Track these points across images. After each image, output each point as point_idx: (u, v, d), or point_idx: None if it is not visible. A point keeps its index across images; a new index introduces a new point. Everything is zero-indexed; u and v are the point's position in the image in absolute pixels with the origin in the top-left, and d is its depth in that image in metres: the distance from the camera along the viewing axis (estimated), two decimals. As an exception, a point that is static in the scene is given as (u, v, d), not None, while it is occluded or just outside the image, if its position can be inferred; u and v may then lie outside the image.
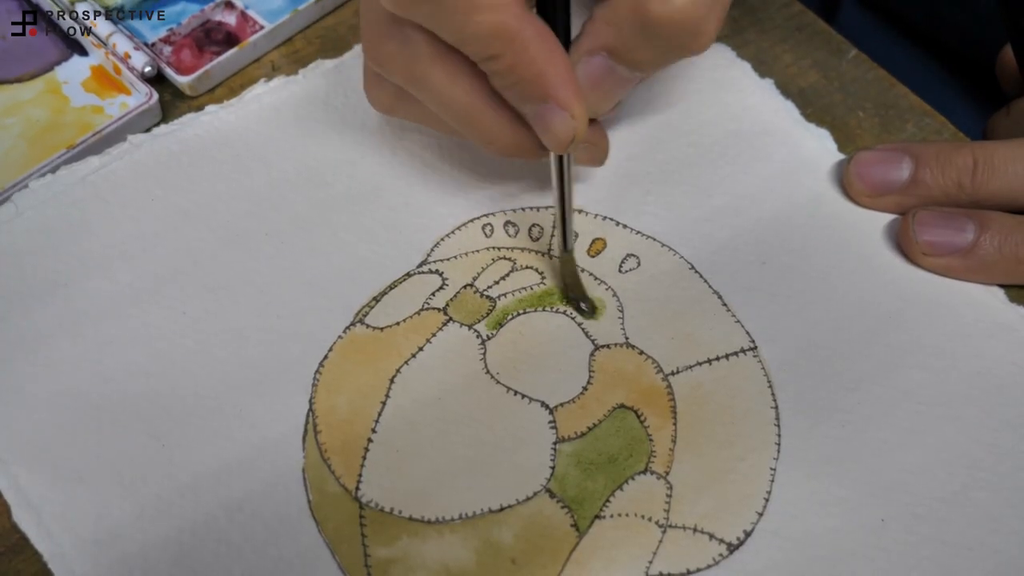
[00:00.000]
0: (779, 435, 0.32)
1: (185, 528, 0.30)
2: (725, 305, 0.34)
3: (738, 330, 0.34)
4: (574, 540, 0.30)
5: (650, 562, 0.29)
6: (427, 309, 0.34)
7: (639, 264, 0.35)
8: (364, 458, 0.31)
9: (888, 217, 0.36)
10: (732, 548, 0.30)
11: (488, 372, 0.33)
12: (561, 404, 0.32)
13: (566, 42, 0.30)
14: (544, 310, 0.34)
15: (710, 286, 0.35)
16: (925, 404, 0.32)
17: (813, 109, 0.40)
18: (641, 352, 0.33)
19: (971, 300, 0.34)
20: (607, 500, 0.30)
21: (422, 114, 0.33)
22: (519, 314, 0.34)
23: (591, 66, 0.30)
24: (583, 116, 0.29)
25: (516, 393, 0.32)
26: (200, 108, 0.39)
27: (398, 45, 0.31)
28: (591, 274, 0.35)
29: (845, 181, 0.37)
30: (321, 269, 0.35)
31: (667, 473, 0.31)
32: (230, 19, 0.42)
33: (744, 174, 0.37)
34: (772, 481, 0.31)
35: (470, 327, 0.34)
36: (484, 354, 0.33)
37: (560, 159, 0.31)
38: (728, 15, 0.42)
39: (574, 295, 0.34)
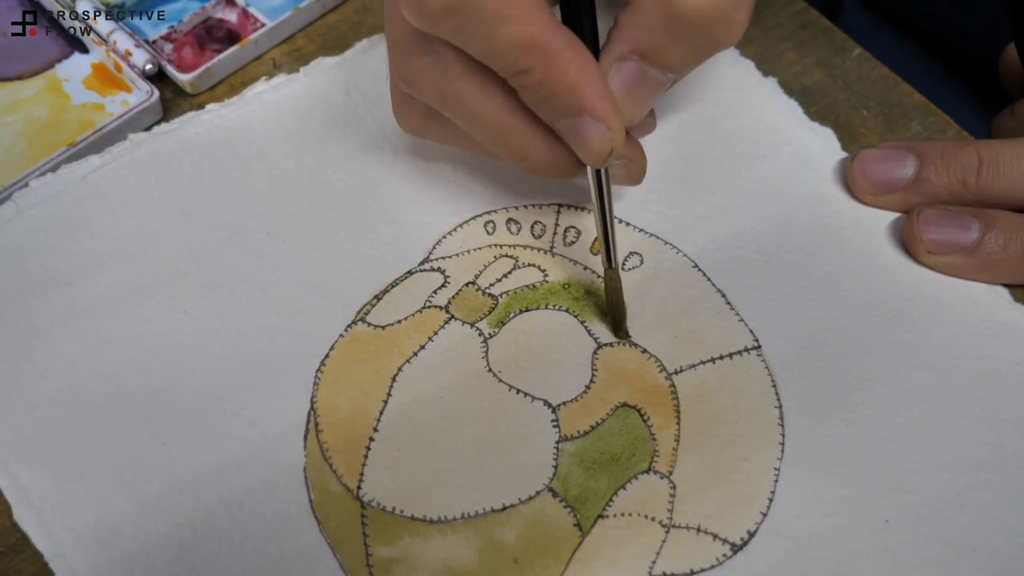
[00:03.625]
0: (783, 434, 0.31)
1: (186, 526, 0.29)
2: (728, 303, 0.34)
3: (741, 329, 0.33)
4: (577, 540, 0.30)
5: (653, 562, 0.29)
6: (429, 307, 0.34)
7: (642, 262, 0.35)
8: (366, 457, 0.31)
9: (892, 215, 0.36)
10: (736, 548, 0.29)
11: (490, 370, 0.33)
12: (564, 403, 0.32)
13: (594, 51, 0.29)
14: (546, 308, 0.34)
15: (713, 284, 0.34)
16: (929, 403, 0.32)
17: (817, 107, 0.39)
18: (644, 351, 0.33)
19: (975, 299, 0.34)
20: (610, 500, 0.30)
21: (453, 134, 0.33)
22: (521, 312, 0.34)
23: (623, 72, 0.29)
24: (620, 127, 0.28)
25: (518, 391, 0.32)
26: (201, 106, 0.38)
27: (428, 63, 0.30)
28: (594, 271, 0.35)
29: (849, 179, 0.36)
30: (322, 267, 0.35)
31: (670, 473, 0.31)
32: (231, 17, 0.42)
33: (747, 172, 0.37)
34: (776, 481, 0.31)
35: (472, 325, 0.33)
36: (486, 352, 0.33)
37: (599, 174, 0.31)
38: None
39: (614, 315, 0.33)
